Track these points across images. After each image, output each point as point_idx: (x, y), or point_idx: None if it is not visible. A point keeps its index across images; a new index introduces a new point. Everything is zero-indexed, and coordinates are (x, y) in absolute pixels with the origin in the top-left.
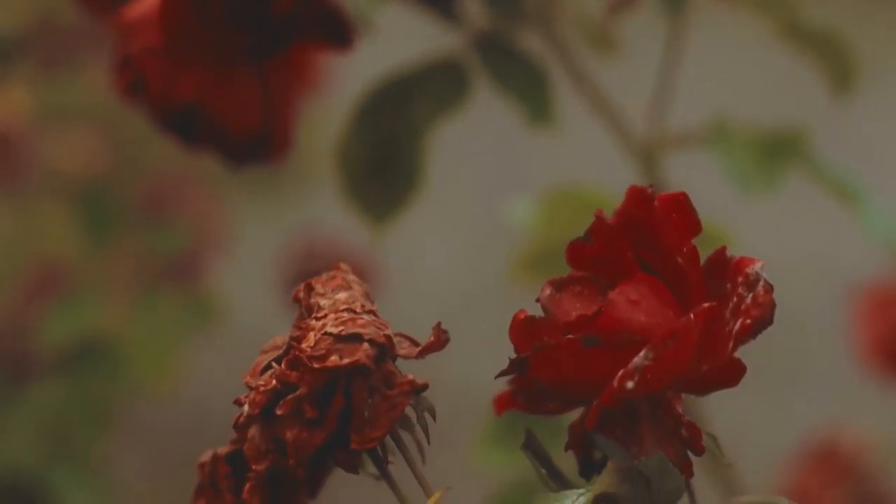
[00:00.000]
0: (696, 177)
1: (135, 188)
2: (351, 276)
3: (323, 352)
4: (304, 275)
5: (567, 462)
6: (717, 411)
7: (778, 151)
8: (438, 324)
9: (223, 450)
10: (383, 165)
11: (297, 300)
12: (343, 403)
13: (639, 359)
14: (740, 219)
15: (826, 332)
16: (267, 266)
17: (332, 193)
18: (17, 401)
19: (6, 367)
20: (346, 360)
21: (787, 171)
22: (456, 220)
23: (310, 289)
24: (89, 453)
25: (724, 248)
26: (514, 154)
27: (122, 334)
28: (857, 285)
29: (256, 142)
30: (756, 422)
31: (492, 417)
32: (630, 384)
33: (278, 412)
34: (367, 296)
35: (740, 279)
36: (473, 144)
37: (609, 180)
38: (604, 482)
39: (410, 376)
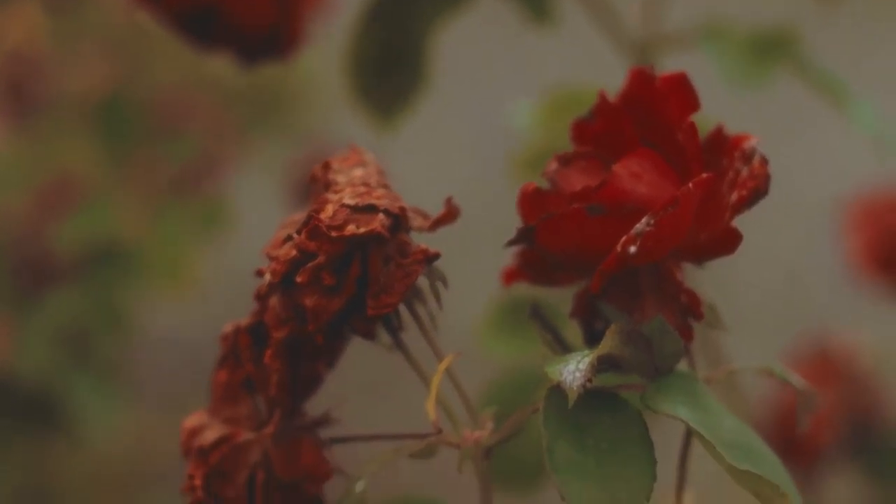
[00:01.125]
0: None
1: (147, 102)
2: (366, 155)
3: (341, 222)
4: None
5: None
6: None
7: (769, 51)
8: (450, 197)
9: (245, 321)
10: (391, 64)
11: (314, 178)
12: (360, 271)
13: (641, 225)
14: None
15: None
16: (275, 177)
17: (338, 112)
18: (34, 309)
19: (25, 276)
20: (362, 230)
21: (777, 68)
22: (457, 122)
23: (327, 167)
24: (105, 359)
25: (721, 126)
26: (513, 58)
27: (137, 241)
28: (845, 197)
29: (270, 37)
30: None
31: (493, 304)
32: (632, 249)
33: (298, 280)
34: (381, 173)
35: (737, 154)
36: (474, 49)
37: (607, 83)
38: (607, 344)
39: (423, 245)
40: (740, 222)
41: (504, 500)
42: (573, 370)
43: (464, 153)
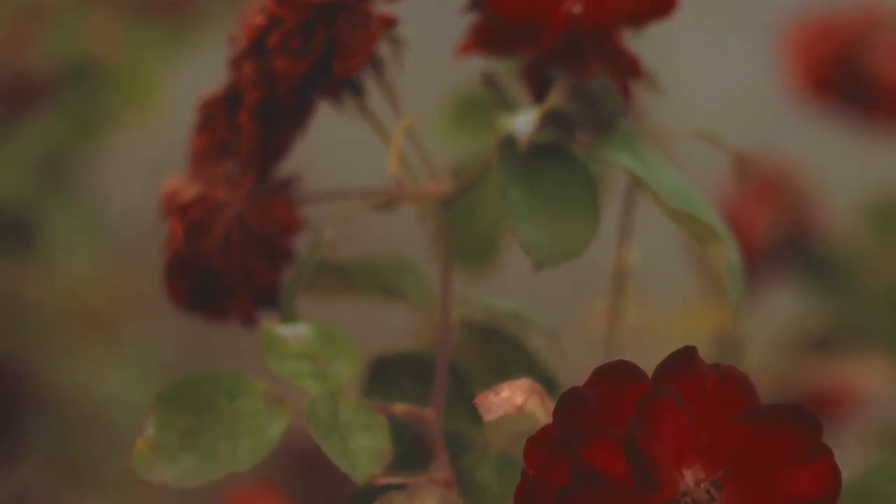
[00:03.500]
0: None
1: None
2: None
3: None
4: None
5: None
6: None
7: None
8: None
9: (219, 90)
10: None
11: None
12: (326, 35)
13: None
14: None
15: None
16: None
17: None
18: (10, 135)
19: (1, 103)
20: None
21: None
22: None
23: None
24: (80, 185)
25: None
26: None
27: (111, 60)
28: (785, 19)
29: None
30: None
31: (449, 97)
32: (577, 9)
33: (268, 43)
34: None
35: None
36: None
37: None
38: (554, 98)
39: (385, 11)
40: (686, 36)
41: (462, 277)
42: (523, 121)
43: None
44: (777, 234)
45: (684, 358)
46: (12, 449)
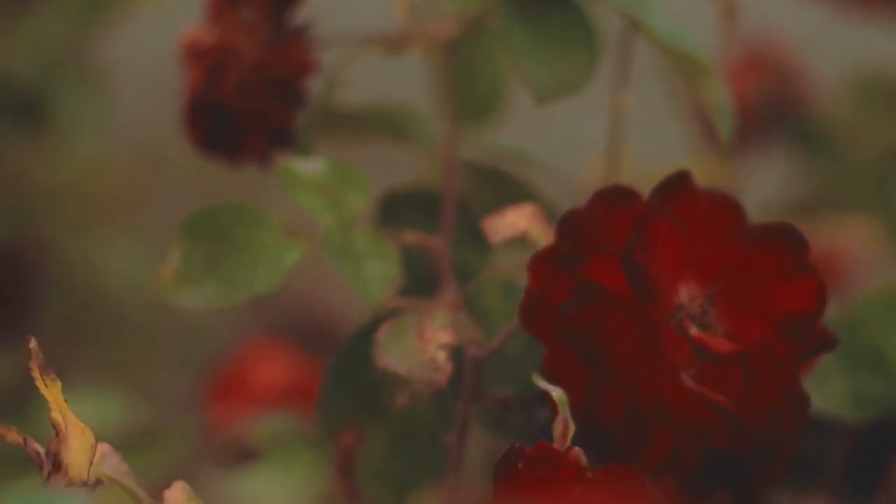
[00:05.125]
0: None
1: None
2: None
3: None
4: None
5: None
6: None
7: None
8: None
9: None
10: None
11: None
12: None
13: None
14: None
15: None
16: None
17: None
18: (22, 14)
19: None
20: None
21: None
22: None
23: None
24: (92, 67)
25: None
26: None
27: None
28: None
29: None
30: None
31: None
32: None
33: None
34: None
35: None
36: None
37: None
38: None
39: None
40: None
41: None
42: None
43: None
44: (765, 106)
45: (679, 180)
46: (24, 322)
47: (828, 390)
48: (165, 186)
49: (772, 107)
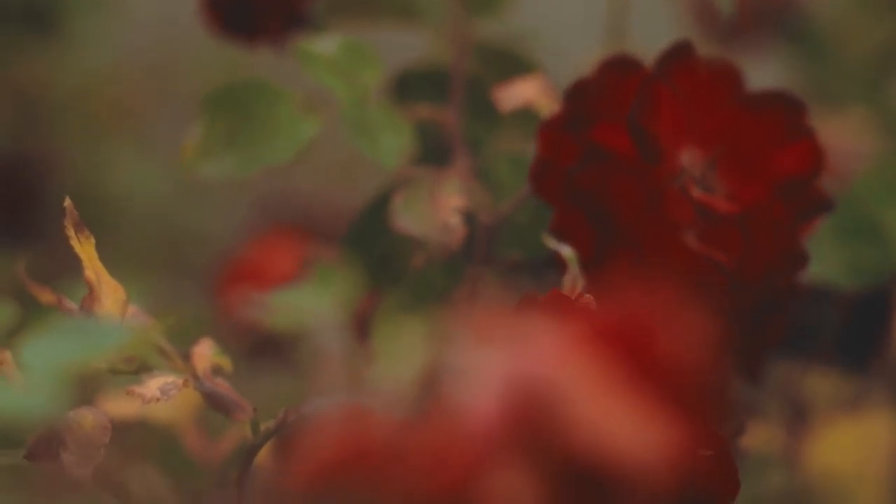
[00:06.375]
0: None
1: None
2: None
3: None
4: None
5: None
6: None
7: None
8: None
9: None
10: None
11: None
12: None
13: None
14: None
15: None
16: None
17: None
18: None
19: None
20: None
21: None
22: None
23: None
24: None
25: None
26: None
27: None
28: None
29: None
30: None
31: None
32: None
33: None
34: None
35: None
36: None
37: None
38: None
39: None
40: None
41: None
42: None
43: None
44: (760, 7)
45: (681, 49)
46: (32, 228)
47: (823, 260)
48: (173, 96)
49: (767, 9)
